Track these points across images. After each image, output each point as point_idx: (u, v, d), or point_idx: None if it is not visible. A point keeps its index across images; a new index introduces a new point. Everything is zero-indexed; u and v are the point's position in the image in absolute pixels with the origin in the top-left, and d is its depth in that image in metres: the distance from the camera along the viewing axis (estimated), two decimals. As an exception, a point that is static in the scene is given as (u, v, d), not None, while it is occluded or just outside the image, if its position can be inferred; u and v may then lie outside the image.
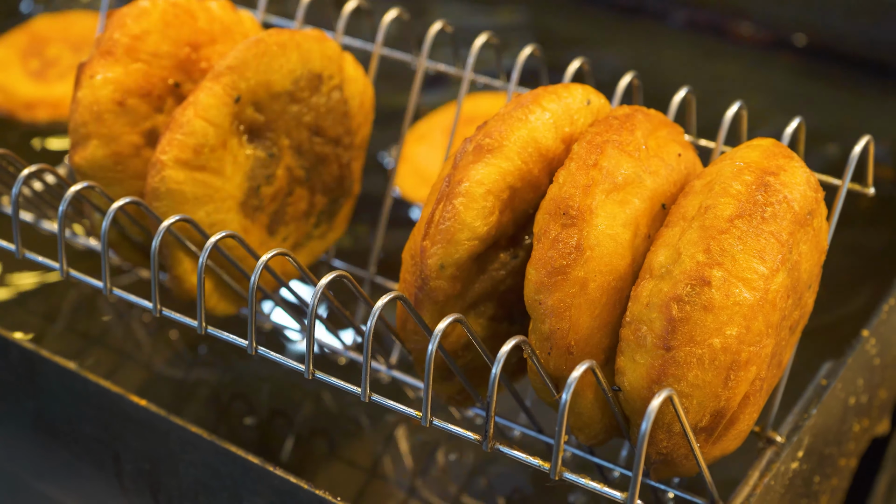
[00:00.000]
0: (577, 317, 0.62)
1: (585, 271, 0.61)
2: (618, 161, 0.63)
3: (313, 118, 0.79)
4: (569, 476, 0.61)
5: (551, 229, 0.62)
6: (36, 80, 1.29)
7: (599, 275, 0.62)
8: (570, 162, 0.63)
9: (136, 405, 0.77)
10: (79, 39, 1.37)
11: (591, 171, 0.62)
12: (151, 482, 0.80)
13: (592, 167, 0.63)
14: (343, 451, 0.87)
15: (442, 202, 0.64)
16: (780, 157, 0.66)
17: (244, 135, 0.76)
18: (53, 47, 1.34)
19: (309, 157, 0.81)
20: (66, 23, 1.40)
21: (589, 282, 0.62)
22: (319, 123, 0.80)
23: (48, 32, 1.37)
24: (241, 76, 0.74)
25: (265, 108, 0.76)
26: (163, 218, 0.72)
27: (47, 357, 0.81)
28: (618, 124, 0.65)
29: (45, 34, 1.37)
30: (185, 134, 0.72)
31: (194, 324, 0.68)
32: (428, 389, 0.61)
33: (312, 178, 0.82)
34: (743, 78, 1.45)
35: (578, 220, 0.61)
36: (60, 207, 0.70)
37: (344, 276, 0.62)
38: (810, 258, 0.66)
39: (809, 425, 0.74)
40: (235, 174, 0.76)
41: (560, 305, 0.61)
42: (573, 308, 0.61)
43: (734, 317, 0.61)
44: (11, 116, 1.25)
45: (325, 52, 0.79)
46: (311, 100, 0.79)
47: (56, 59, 1.33)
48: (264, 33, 0.76)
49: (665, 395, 0.57)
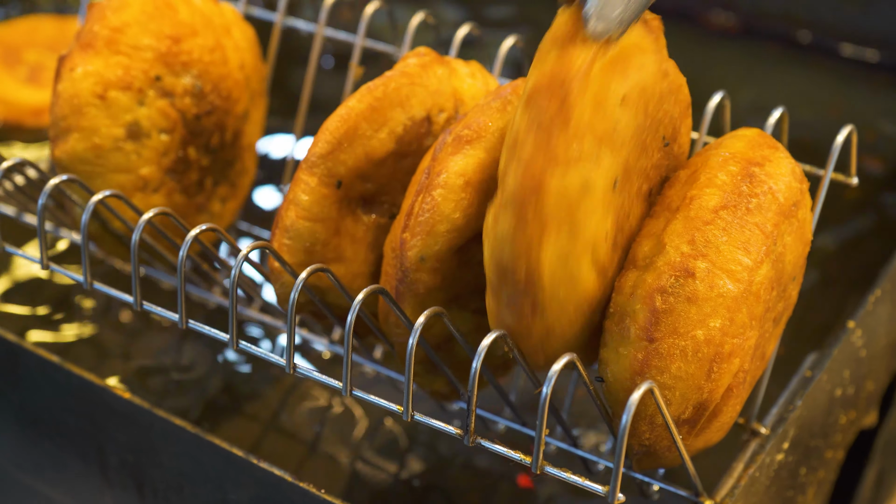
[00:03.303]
0: (551, 349, 0.61)
1: (545, 325, 0.59)
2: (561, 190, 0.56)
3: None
4: (550, 469, 0.60)
5: (502, 292, 0.59)
6: (33, 85, 1.29)
7: (562, 320, 0.60)
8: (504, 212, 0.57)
9: (120, 398, 0.77)
10: (50, 41, 1.37)
11: (530, 227, 0.56)
12: (136, 474, 0.80)
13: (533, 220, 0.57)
14: (327, 445, 0.87)
15: (421, 194, 0.63)
16: (765, 147, 0.65)
17: (358, 207, 0.71)
18: (30, 53, 1.34)
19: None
20: (27, 28, 1.40)
21: (554, 328, 0.60)
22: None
23: (14, 40, 1.37)
24: (336, 161, 0.67)
25: (372, 175, 0.69)
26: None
27: (30, 350, 0.81)
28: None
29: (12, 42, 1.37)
30: (292, 238, 0.68)
31: (175, 317, 0.67)
32: (409, 383, 0.60)
33: None
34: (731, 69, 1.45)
35: (529, 286, 0.58)
36: (40, 200, 0.69)
37: (380, 290, 0.62)
38: (795, 250, 0.66)
39: (794, 417, 0.74)
40: (358, 252, 0.71)
41: (531, 350, 0.61)
42: (546, 346, 0.61)
43: (718, 308, 0.60)
44: (19, 125, 1.25)
45: (428, 88, 0.69)
46: (424, 144, 0.70)
47: (39, 63, 1.33)
48: (353, 99, 0.68)
49: (645, 388, 0.57)
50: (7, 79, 1.30)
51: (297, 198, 0.67)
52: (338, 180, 0.68)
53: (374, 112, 0.68)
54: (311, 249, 0.68)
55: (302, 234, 0.68)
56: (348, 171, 0.68)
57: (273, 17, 0.93)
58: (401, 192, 0.71)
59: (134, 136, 0.77)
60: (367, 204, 0.71)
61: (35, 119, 1.25)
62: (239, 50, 0.84)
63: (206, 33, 0.80)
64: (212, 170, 0.85)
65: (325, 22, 0.91)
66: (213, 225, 0.66)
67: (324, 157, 0.67)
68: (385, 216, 0.72)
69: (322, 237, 0.68)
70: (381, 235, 0.72)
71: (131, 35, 0.76)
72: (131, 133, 0.77)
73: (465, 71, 0.72)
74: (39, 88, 1.29)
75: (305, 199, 0.67)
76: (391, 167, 0.69)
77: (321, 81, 1.05)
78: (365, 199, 0.71)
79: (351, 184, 0.68)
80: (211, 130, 0.83)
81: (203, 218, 0.86)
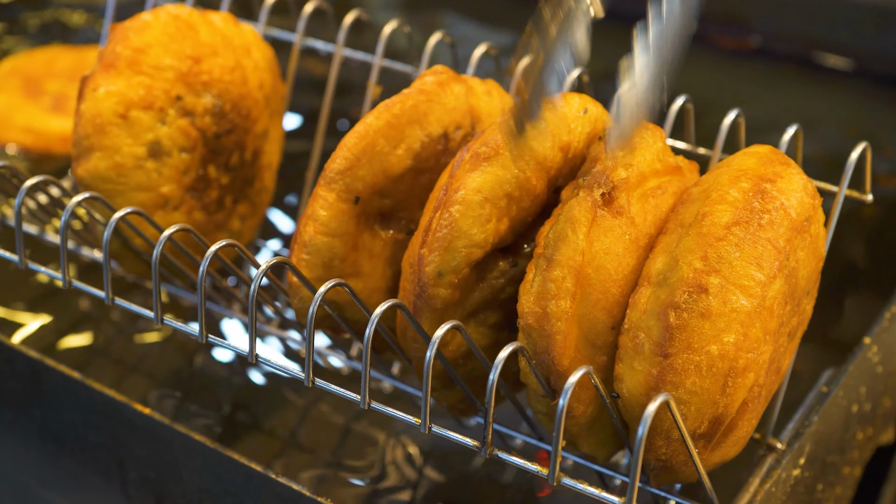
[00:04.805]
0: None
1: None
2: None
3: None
4: (567, 481, 0.61)
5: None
6: (58, 114, 1.31)
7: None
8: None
9: (141, 413, 0.78)
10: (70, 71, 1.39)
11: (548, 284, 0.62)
12: (156, 490, 0.80)
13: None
14: (346, 460, 0.87)
15: (439, 210, 0.64)
16: (776, 163, 0.66)
17: (376, 223, 0.72)
18: (51, 83, 1.36)
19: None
20: (45, 59, 1.42)
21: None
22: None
23: (33, 71, 1.39)
24: (354, 177, 0.68)
25: (390, 192, 0.70)
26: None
27: (53, 366, 0.82)
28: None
29: (32, 73, 1.39)
30: (311, 253, 0.69)
31: (195, 332, 0.68)
32: (426, 396, 0.61)
33: None
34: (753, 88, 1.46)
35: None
36: (63, 218, 0.70)
37: (398, 304, 0.63)
38: (808, 265, 0.66)
39: (811, 432, 0.74)
40: (375, 268, 0.72)
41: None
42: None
43: (731, 324, 0.61)
44: (48, 153, 1.28)
45: (445, 105, 0.70)
46: (441, 161, 0.71)
47: (62, 92, 1.35)
48: (371, 116, 0.69)
49: (661, 400, 0.57)
50: (33, 109, 1.32)
51: (316, 213, 0.68)
52: (356, 196, 0.68)
53: (392, 129, 0.68)
54: (329, 265, 0.69)
55: (320, 250, 0.69)
56: (366, 186, 0.69)
57: (292, 37, 0.94)
58: (418, 209, 0.71)
59: (155, 155, 0.78)
60: (384, 220, 0.72)
61: (63, 146, 1.28)
62: (258, 70, 0.85)
63: (227, 53, 0.81)
64: (231, 188, 0.86)
65: (343, 42, 0.92)
66: (233, 241, 0.67)
67: (342, 174, 0.68)
68: (402, 232, 0.72)
69: (340, 252, 0.69)
70: (399, 251, 0.72)
71: (153, 55, 0.77)
72: (152, 152, 0.78)
73: (481, 89, 0.73)
74: (65, 116, 1.31)
75: (324, 214, 0.68)
76: (409, 183, 0.70)
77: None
78: (383, 215, 0.72)
79: (369, 200, 0.69)
80: (231, 149, 0.84)
81: (222, 236, 0.87)
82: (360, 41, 1.11)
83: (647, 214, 0.65)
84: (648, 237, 0.65)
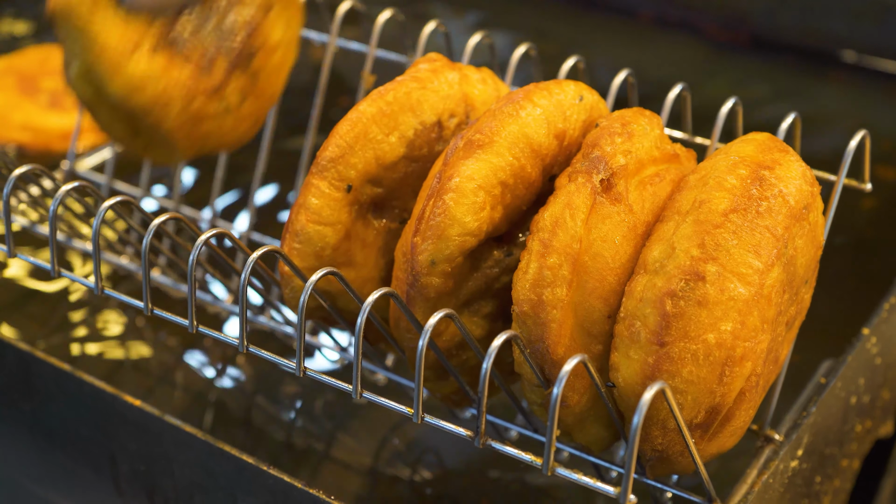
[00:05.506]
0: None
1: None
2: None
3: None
4: (561, 471, 0.60)
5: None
6: (56, 111, 1.31)
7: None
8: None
9: (131, 406, 0.77)
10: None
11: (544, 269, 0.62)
12: (147, 483, 0.80)
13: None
14: (338, 452, 0.87)
15: (433, 198, 0.63)
16: (775, 150, 0.65)
17: (368, 212, 0.71)
18: (46, 80, 1.36)
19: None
20: (38, 57, 1.42)
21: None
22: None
23: (28, 69, 1.39)
24: (346, 165, 0.67)
25: (383, 180, 0.69)
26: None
27: (42, 359, 0.81)
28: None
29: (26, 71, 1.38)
30: (302, 242, 0.68)
31: (185, 322, 0.67)
32: (419, 385, 0.60)
33: None
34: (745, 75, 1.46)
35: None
36: (51, 207, 0.69)
37: (392, 293, 0.62)
38: (806, 253, 0.65)
39: (809, 423, 0.73)
40: (368, 258, 0.71)
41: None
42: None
43: (729, 312, 0.60)
44: (47, 150, 1.27)
45: (439, 92, 0.69)
46: (435, 149, 0.70)
47: (58, 89, 1.35)
48: (364, 103, 0.68)
49: (657, 388, 0.56)
50: (30, 106, 1.32)
51: (307, 202, 0.67)
52: (348, 184, 0.68)
53: (385, 116, 0.68)
54: (321, 254, 0.68)
55: (312, 239, 0.68)
56: (358, 175, 0.68)
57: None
58: (411, 197, 0.71)
59: None
60: (377, 209, 0.71)
61: (62, 143, 1.27)
62: None
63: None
64: (221, 49, 0.82)
65: (336, 32, 0.91)
66: (224, 230, 0.66)
67: (334, 161, 0.67)
68: (395, 221, 0.72)
69: (332, 241, 0.68)
70: (392, 240, 0.72)
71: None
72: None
73: (476, 77, 0.72)
74: (63, 113, 1.31)
75: (315, 202, 0.67)
76: (402, 172, 0.69)
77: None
78: (375, 204, 0.71)
79: (361, 188, 0.69)
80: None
81: (216, 107, 0.82)
82: (355, 32, 1.11)
83: (645, 202, 0.64)
84: (646, 225, 0.64)
